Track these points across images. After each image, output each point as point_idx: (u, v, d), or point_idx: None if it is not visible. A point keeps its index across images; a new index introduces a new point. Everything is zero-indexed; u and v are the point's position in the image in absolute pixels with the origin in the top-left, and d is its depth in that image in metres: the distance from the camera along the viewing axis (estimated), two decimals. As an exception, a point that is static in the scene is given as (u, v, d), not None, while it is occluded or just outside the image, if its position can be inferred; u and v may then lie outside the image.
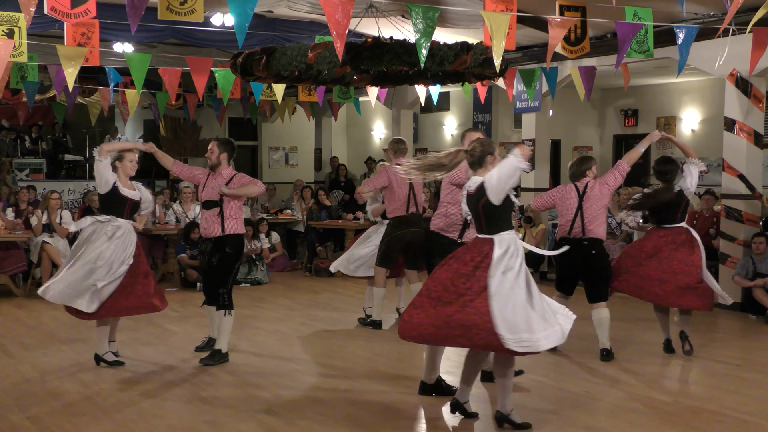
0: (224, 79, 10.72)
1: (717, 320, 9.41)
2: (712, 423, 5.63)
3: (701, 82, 14.37)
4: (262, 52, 7.31)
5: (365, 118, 19.46)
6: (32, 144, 18.83)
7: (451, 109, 17.72)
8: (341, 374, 6.92)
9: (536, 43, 11.51)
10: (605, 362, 7.21)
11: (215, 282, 7.21)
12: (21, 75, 11.49)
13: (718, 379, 6.81)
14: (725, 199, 10.15)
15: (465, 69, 7.45)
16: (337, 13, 6.27)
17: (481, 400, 6.06)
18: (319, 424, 5.58)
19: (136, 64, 9.65)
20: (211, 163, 7.22)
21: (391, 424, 5.58)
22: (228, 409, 5.86)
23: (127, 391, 6.33)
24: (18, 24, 8.92)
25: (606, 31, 10.64)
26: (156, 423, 5.57)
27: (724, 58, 8.97)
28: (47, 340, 8.28)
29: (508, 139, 16.44)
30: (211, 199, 7.17)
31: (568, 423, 5.60)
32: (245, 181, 7.27)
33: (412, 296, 6.25)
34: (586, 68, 10.55)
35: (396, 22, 8.69)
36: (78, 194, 16.03)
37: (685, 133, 14.89)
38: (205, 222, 7.20)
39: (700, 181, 8.06)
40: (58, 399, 6.11)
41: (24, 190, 12.88)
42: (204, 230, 7.24)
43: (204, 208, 7.24)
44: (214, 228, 7.16)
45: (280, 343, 8.10)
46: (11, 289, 11.05)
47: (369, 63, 7.36)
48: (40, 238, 11.12)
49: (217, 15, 10.79)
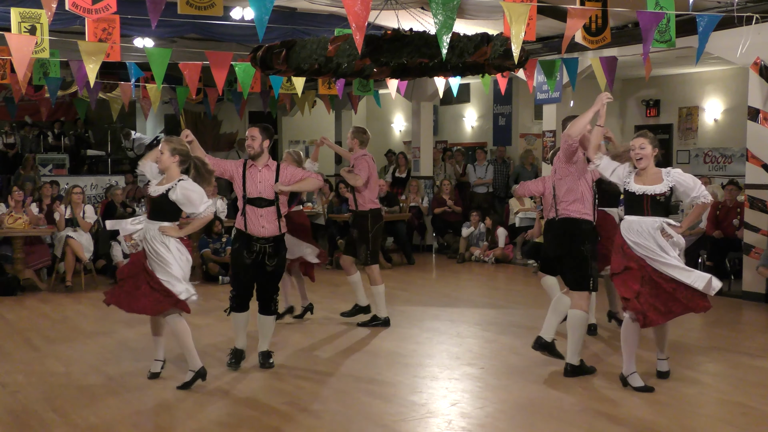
0: (244, 73, 10.73)
1: (741, 311, 9.34)
2: (738, 415, 5.58)
3: (724, 72, 14.22)
4: (282, 46, 7.31)
5: (385, 111, 19.44)
6: (55, 140, 18.96)
7: (471, 101, 17.66)
8: (364, 366, 6.92)
9: (557, 34, 11.44)
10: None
11: (273, 288, 6.70)
12: (43, 71, 11.57)
13: (743, 371, 6.75)
14: (749, 190, 10.05)
15: (485, 60, 7.42)
16: (357, 6, 6.25)
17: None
18: (341, 416, 5.59)
19: (157, 59, 9.68)
20: (253, 152, 6.61)
21: (415, 414, 5.59)
22: (251, 401, 5.89)
23: (151, 384, 6.37)
24: (40, 20, 8.98)
25: (627, 21, 10.56)
26: (179, 415, 5.61)
27: (746, 46, 8.87)
28: (72, 333, 8.35)
29: (528, 131, 16.39)
30: (265, 197, 6.59)
31: (592, 416, 5.57)
32: (298, 174, 6.71)
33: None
34: (607, 59, 10.48)
35: (415, 13, 8.66)
36: (100, 189, 16.13)
37: (708, 123, 14.75)
38: (261, 220, 6.57)
39: (721, 171, 7.94)
40: (84, 392, 6.16)
41: (47, 185, 13.02)
42: (260, 230, 6.56)
43: (255, 206, 6.58)
44: (272, 227, 6.60)
45: (301, 335, 8.12)
46: (36, 284, 11.16)
47: (389, 55, 7.33)
48: (64, 232, 11.21)
49: (236, 9, 10.80)
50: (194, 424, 5.43)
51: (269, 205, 6.59)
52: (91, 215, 11.57)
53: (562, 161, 6.59)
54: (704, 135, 14.45)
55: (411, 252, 13.90)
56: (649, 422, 5.41)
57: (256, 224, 6.57)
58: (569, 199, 6.55)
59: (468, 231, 14.05)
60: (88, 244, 11.37)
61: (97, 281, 11.48)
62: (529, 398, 5.96)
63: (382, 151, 18.78)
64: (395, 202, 13.96)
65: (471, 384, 6.36)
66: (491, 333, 8.22)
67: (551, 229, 6.78)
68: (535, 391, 6.13)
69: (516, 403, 5.87)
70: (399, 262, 13.61)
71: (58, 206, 11.54)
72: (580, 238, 6.53)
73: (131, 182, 16.36)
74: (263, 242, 6.58)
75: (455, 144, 17.86)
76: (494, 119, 17.02)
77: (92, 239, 11.59)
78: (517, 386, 6.27)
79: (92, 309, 9.76)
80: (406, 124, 19.16)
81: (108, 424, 5.41)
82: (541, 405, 5.80)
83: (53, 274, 11.40)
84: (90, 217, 11.51)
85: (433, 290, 11.05)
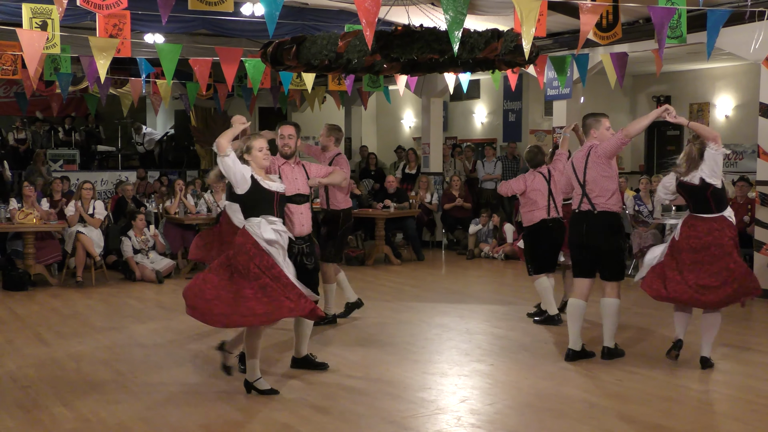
0: (254, 69, 10.74)
1: (752, 309, 9.30)
2: (747, 412, 5.57)
3: (735, 68, 14.16)
4: (292, 42, 7.30)
5: (395, 107, 19.43)
6: (65, 135, 19.04)
7: (481, 97, 17.63)
8: (373, 362, 6.92)
9: (567, 30, 11.42)
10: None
11: (314, 288, 6.28)
12: (54, 67, 11.61)
13: (753, 368, 6.73)
14: (760, 186, 10.01)
15: (495, 56, 7.39)
16: (367, 2, 6.25)
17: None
18: (352, 413, 5.59)
19: (167, 54, 9.70)
20: (290, 151, 6.56)
21: (424, 411, 5.59)
22: (261, 397, 5.89)
23: (161, 379, 6.39)
24: (51, 16, 9.01)
25: (638, 17, 10.52)
26: (189, 411, 5.62)
27: (759, 42, 8.83)
28: (82, 328, 8.38)
29: (538, 127, 16.35)
30: (303, 193, 6.52)
31: (601, 412, 5.56)
32: (323, 168, 6.67)
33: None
34: (618, 54, 10.44)
35: (426, 9, 8.65)
36: (111, 185, 16.19)
37: (719, 119, 14.70)
38: (301, 218, 6.42)
39: (732, 168, 7.96)
40: (94, 387, 6.19)
41: (57, 180, 13.05)
42: (301, 228, 6.41)
43: (295, 203, 6.40)
44: (309, 225, 6.50)
45: (313, 331, 8.12)
46: (47, 279, 11.21)
47: (399, 51, 7.31)
48: (75, 228, 11.25)
49: (246, 5, 10.81)
50: (203, 419, 5.44)
51: (306, 201, 6.53)
52: (101, 211, 11.60)
53: (602, 158, 6.72)
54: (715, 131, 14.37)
55: (420, 248, 13.90)
56: (658, 419, 5.40)
57: (297, 223, 6.41)
58: (606, 194, 6.74)
59: (476, 228, 14.04)
60: (98, 240, 11.40)
61: (107, 276, 11.52)
62: (539, 395, 5.96)
63: (392, 147, 18.79)
64: (404, 198, 13.95)
65: (480, 380, 6.36)
66: (501, 329, 8.21)
67: (585, 221, 6.82)
68: (545, 388, 6.12)
69: (525, 399, 5.86)
70: (408, 258, 13.61)
71: (69, 202, 11.57)
72: (620, 231, 6.90)
73: (142, 177, 16.40)
74: (300, 242, 6.43)
75: (465, 140, 17.84)
76: (504, 115, 16.99)
77: (102, 235, 11.63)
78: (527, 383, 6.27)
79: (102, 304, 9.80)
80: (415, 120, 19.15)
81: (118, 419, 5.43)
82: (551, 402, 5.79)
83: (64, 270, 11.44)
84: (100, 212, 11.55)
85: (442, 286, 11.05)
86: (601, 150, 6.72)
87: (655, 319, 8.42)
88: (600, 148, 6.75)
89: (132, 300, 9.96)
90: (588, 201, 6.78)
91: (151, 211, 13.52)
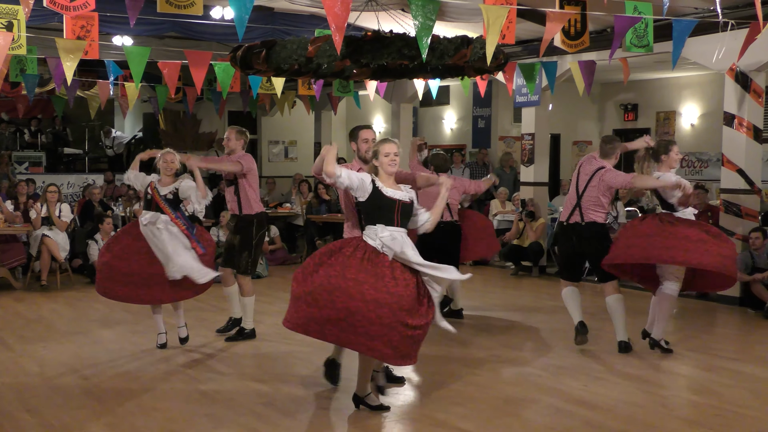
0: (224, 73, 10.68)
1: (716, 314, 9.43)
2: (710, 417, 5.64)
3: (701, 77, 14.36)
4: (262, 46, 7.29)
5: (365, 112, 19.44)
6: (32, 137, 18.81)
7: (451, 103, 17.71)
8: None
9: (536, 38, 11.49)
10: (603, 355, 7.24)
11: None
12: (20, 68, 11.47)
13: (717, 373, 6.82)
14: (724, 194, 10.15)
15: (465, 63, 7.44)
16: (336, 6, 6.25)
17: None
18: (319, 418, 5.59)
19: (135, 57, 9.61)
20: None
21: (391, 416, 5.59)
22: (228, 402, 5.87)
23: (127, 384, 6.34)
24: (17, 17, 8.89)
25: (606, 26, 10.63)
26: (156, 416, 5.58)
27: (723, 52, 8.96)
28: (47, 333, 8.29)
29: (507, 134, 16.46)
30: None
31: (567, 416, 5.60)
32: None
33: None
34: (585, 62, 10.53)
35: (396, 15, 8.67)
36: (77, 188, 16.01)
37: (685, 128, 14.90)
38: None
39: (697, 176, 8.14)
40: (58, 392, 6.12)
41: (23, 183, 12.89)
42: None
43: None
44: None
45: (279, 336, 8.09)
46: (10, 282, 11.07)
47: (369, 57, 7.33)
48: (40, 231, 11.12)
49: (216, 8, 10.77)
50: (171, 425, 5.41)
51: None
52: (67, 214, 11.48)
53: (606, 184, 7.23)
54: (681, 139, 14.57)
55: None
56: (621, 423, 5.45)
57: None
58: (598, 208, 7.31)
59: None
60: (64, 243, 11.29)
61: (72, 280, 11.40)
62: (506, 399, 5.99)
63: (362, 153, 18.76)
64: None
65: (447, 385, 6.38)
66: (466, 335, 8.23)
67: (573, 232, 7.40)
68: (512, 393, 6.15)
69: (492, 404, 5.89)
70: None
71: (34, 204, 11.45)
72: (607, 236, 7.47)
73: (110, 181, 16.25)
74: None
75: (435, 146, 17.90)
76: (473, 122, 17.08)
77: (68, 238, 11.50)
78: (494, 387, 6.29)
79: (68, 308, 9.69)
80: (385, 125, 19.18)
81: (83, 425, 5.38)
82: (517, 407, 5.82)
83: (28, 273, 11.30)
84: (66, 215, 11.43)
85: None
86: (608, 178, 7.25)
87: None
88: (607, 176, 7.25)
89: (98, 304, 9.85)
90: (579, 212, 7.34)
91: (119, 215, 13.41)
